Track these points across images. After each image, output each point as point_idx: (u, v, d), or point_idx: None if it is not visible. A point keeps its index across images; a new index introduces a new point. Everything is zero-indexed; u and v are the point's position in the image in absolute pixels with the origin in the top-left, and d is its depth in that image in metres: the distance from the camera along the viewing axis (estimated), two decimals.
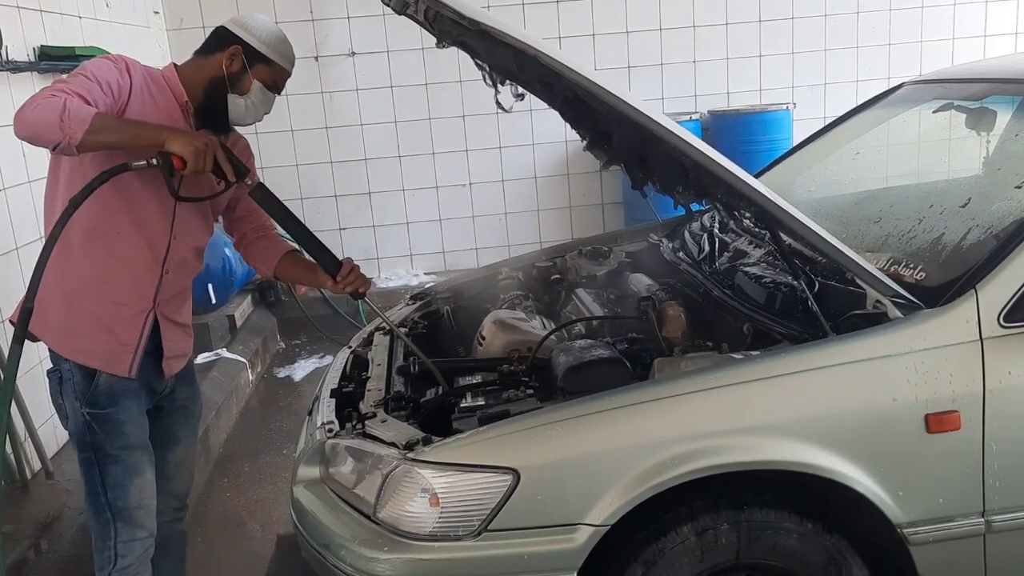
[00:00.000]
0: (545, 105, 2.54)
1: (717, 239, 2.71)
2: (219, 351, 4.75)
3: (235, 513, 3.48)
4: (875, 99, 3.08)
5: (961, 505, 1.88)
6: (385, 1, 2.47)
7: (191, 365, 2.34)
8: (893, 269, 2.09)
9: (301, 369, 5.21)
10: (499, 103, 2.51)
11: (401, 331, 2.51)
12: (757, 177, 2.38)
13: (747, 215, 2.55)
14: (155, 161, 1.90)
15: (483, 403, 2.07)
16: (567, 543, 1.79)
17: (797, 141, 3.56)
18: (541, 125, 6.02)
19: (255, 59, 2.08)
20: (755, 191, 1.86)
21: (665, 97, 6.19)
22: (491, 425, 1.88)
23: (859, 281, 1.99)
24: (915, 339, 1.85)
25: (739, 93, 6.26)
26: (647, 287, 2.66)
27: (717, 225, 2.82)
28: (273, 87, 2.13)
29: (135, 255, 2.04)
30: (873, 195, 2.90)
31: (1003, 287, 1.87)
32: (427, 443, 1.87)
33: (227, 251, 4.75)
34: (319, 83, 5.97)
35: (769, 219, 2.03)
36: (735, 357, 1.98)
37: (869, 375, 1.85)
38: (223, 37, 2.09)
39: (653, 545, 1.86)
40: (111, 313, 2.04)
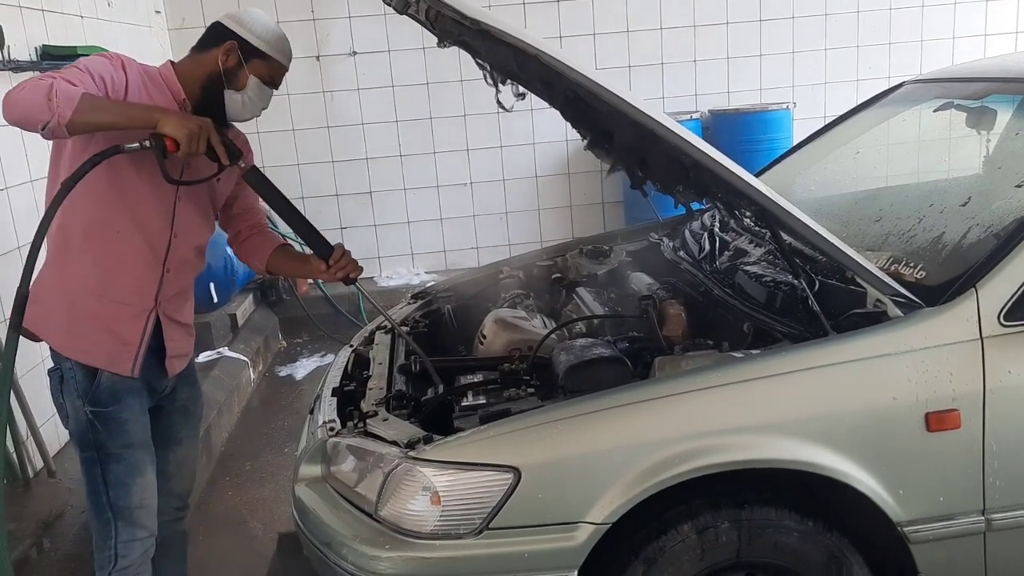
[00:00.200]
0: (546, 104, 2.54)
1: (718, 238, 2.71)
2: (221, 350, 4.75)
3: (237, 512, 3.48)
4: (875, 98, 3.08)
5: (961, 504, 1.88)
6: (386, 1, 2.47)
7: (193, 365, 2.34)
8: (893, 268, 2.09)
9: (303, 368, 5.21)
10: (500, 102, 2.51)
11: (403, 329, 2.52)
12: (757, 176, 2.38)
13: (748, 214, 2.56)
14: (148, 143, 1.87)
15: (484, 402, 2.08)
16: (568, 541, 1.79)
17: (797, 140, 3.56)
18: (542, 124, 6.03)
19: (251, 55, 2.06)
20: (756, 190, 1.87)
21: (665, 96, 6.19)
22: (492, 424, 1.88)
23: (859, 280, 2.00)
24: (915, 338, 1.85)
25: (739, 92, 6.26)
26: (648, 286, 2.66)
27: (718, 224, 2.82)
28: (270, 82, 2.12)
29: (136, 254, 2.04)
30: (873, 194, 2.90)
31: (1003, 286, 1.87)
32: (428, 442, 1.87)
33: (229, 250, 4.69)
34: (320, 82, 5.97)
35: (769, 218, 2.03)
36: (736, 356, 1.98)
37: (869, 374, 1.85)
38: (219, 33, 2.08)
39: (654, 543, 1.86)
40: (113, 313, 2.04)
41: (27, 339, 2.08)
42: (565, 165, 6.30)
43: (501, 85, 2.48)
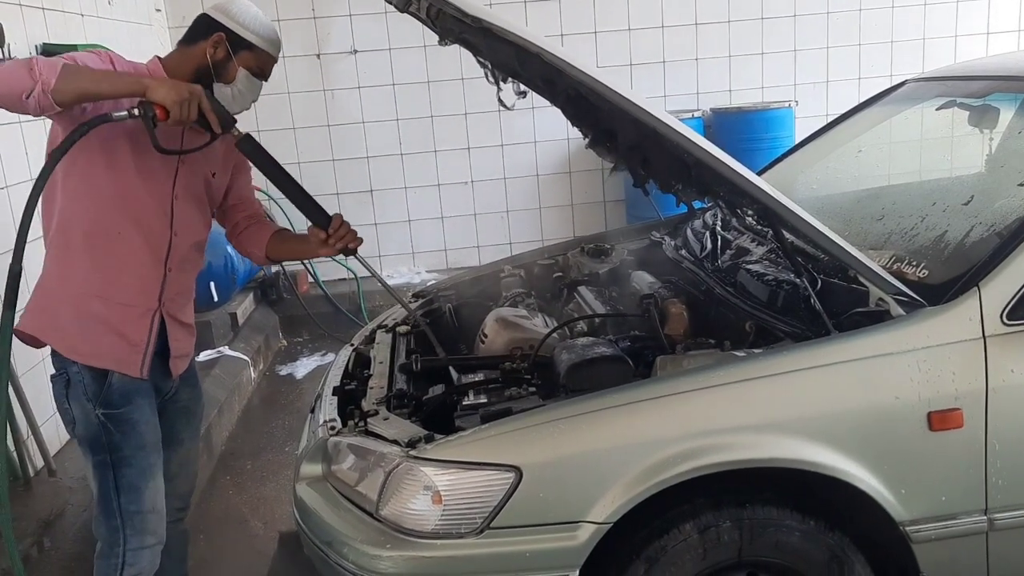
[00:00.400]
0: (547, 103, 2.54)
1: (719, 236, 2.70)
2: (221, 349, 4.76)
3: (237, 511, 3.48)
4: (877, 96, 3.08)
5: (964, 503, 1.88)
6: None
7: (194, 365, 2.33)
8: (896, 267, 2.09)
9: (303, 367, 5.22)
10: (501, 100, 2.50)
11: (410, 305, 2.48)
12: (759, 175, 2.37)
13: (750, 212, 2.55)
14: (136, 111, 1.83)
15: (485, 401, 2.08)
16: (569, 541, 1.79)
17: (799, 139, 3.56)
18: (543, 123, 6.02)
19: (239, 46, 2.02)
20: (758, 188, 1.86)
21: (667, 95, 6.18)
22: (493, 423, 1.88)
23: (862, 279, 1.99)
24: (918, 337, 1.85)
25: (741, 91, 6.25)
26: (649, 285, 2.66)
27: (719, 223, 2.81)
28: (259, 73, 2.08)
29: (137, 255, 2.03)
30: (876, 193, 2.90)
31: (1006, 285, 1.87)
32: (429, 441, 1.87)
33: (229, 249, 4.75)
34: (321, 81, 5.97)
35: (772, 216, 2.03)
36: (737, 355, 1.97)
37: (872, 373, 1.84)
38: (206, 25, 2.03)
39: (655, 543, 1.86)
40: (119, 315, 2.02)
41: (28, 345, 2.07)
42: (566, 164, 6.30)
43: (502, 83, 2.48)
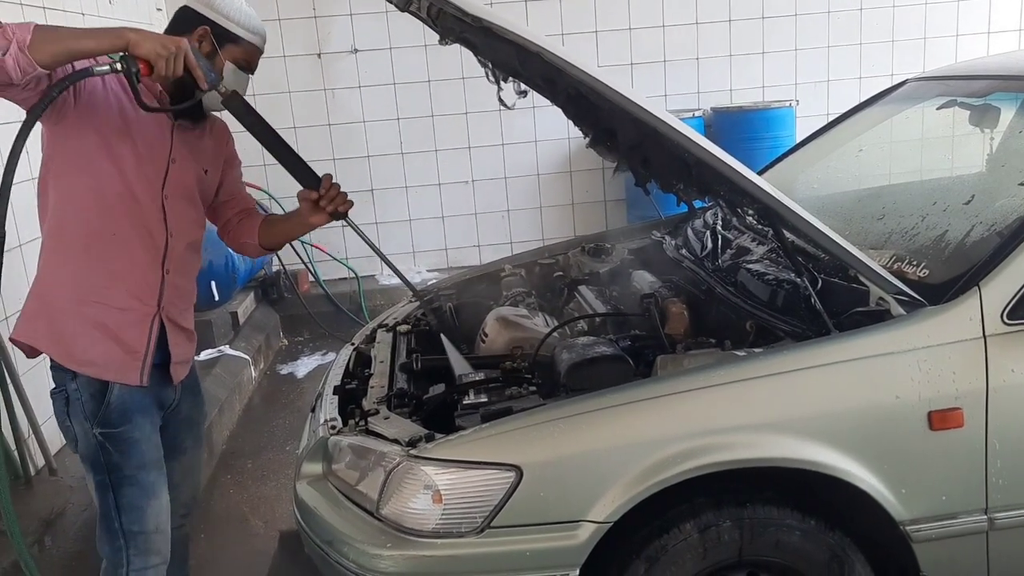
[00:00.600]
0: (548, 102, 2.54)
1: (720, 236, 2.70)
2: (222, 348, 4.76)
3: (238, 510, 3.49)
4: (878, 96, 3.08)
5: (964, 502, 1.88)
6: None
7: (195, 372, 2.28)
8: (896, 266, 2.09)
9: (304, 366, 5.22)
10: (502, 100, 2.50)
11: (430, 306, 2.46)
12: (760, 174, 2.38)
13: (750, 212, 2.55)
14: (119, 65, 1.76)
15: (486, 400, 2.07)
16: (570, 540, 1.79)
17: (800, 138, 3.56)
18: (544, 122, 6.02)
19: (224, 39, 1.96)
20: (758, 188, 1.86)
21: (668, 94, 6.18)
22: (494, 422, 1.88)
23: (862, 278, 1.99)
24: (918, 336, 1.85)
25: (742, 90, 6.25)
26: (650, 284, 2.66)
27: (720, 222, 2.81)
28: (246, 67, 2.03)
29: (134, 258, 1.98)
30: (876, 192, 2.90)
31: (1007, 284, 1.87)
32: (430, 440, 1.87)
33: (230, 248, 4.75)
34: (321, 80, 5.97)
35: (772, 216, 2.03)
36: (738, 354, 1.97)
37: (872, 372, 1.84)
38: (189, 18, 1.96)
39: (656, 542, 1.86)
40: (117, 320, 1.97)
41: (24, 354, 2.04)
42: (567, 163, 6.30)
43: (503, 82, 2.48)
